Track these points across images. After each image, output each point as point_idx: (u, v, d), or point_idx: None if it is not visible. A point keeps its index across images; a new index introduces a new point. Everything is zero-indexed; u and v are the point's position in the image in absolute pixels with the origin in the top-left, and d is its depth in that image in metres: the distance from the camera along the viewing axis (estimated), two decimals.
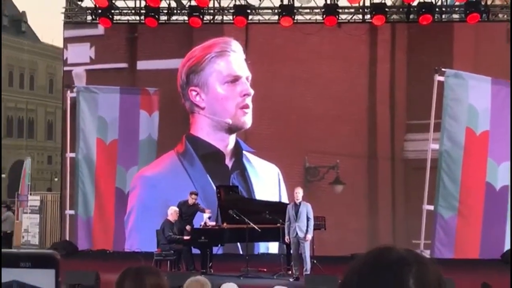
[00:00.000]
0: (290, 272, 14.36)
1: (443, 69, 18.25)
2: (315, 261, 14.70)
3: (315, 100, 18.65)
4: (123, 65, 19.32)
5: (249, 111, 18.41)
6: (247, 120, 18.44)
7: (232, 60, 18.65)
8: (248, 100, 18.40)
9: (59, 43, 23.02)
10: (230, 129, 18.48)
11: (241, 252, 17.17)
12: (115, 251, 18.32)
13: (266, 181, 18.44)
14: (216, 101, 18.42)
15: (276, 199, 17.70)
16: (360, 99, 18.70)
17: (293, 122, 18.68)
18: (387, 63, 18.79)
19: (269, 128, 18.66)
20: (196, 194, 15.62)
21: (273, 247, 17.84)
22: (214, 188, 17.33)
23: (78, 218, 19.02)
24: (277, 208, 14.74)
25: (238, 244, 17.12)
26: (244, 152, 18.56)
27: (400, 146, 18.52)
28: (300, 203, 14.02)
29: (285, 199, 17.79)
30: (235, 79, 18.42)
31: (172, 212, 15.00)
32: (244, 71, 18.55)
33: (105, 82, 19.21)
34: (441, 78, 18.23)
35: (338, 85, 18.65)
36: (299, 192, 14.10)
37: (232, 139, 18.57)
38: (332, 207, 17.41)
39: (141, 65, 19.24)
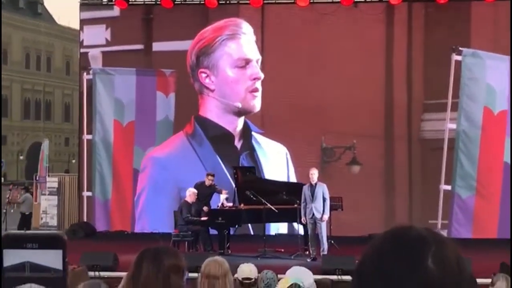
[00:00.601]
0: (307, 252, 14.35)
1: (460, 48, 18.10)
2: (332, 242, 14.77)
3: (332, 81, 18.50)
4: (139, 46, 19.30)
5: (259, 94, 18.37)
6: (257, 103, 18.41)
7: (243, 43, 18.57)
8: (258, 84, 18.34)
9: (76, 25, 23.03)
10: (239, 112, 18.50)
11: (251, 233, 17.32)
12: (133, 232, 18.41)
13: (275, 161, 18.50)
14: (226, 84, 18.41)
15: (284, 179, 17.75)
16: (377, 79, 18.59)
17: (309, 103, 18.53)
18: (404, 43, 18.64)
19: (284, 109, 18.56)
20: (213, 175, 15.61)
21: (283, 229, 17.96)
22: (224, 169, 17.44)
23: (95, 199, 19.10)
24: (294, 189, 14.70)
25: (249, 225, 17.19)
26: (253, 133, 18.58)
27: (417, 126, 18.44)
28: (315, 184, 13.99)
29: (293, 179, 17.93)
30: (246, 63, 18.38)
31: (191, 194, 14.99)
32: (254, 54, 18.49)
33: (121, 63, 19.19)
34: (459, 58, 18.08)
35: (355, 65, 18.50)
36: (314, 173, 14.04)
37: (241, 121, 18.60)
38: (348, 187, 17.37)
39: (157, 46, 19.21)
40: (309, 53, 18.72)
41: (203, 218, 14.90)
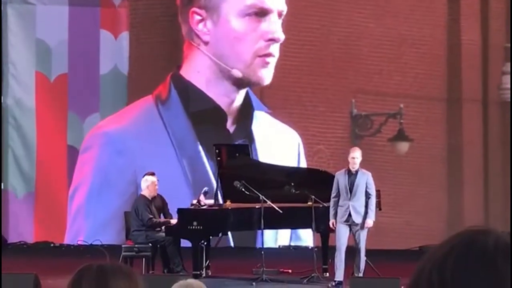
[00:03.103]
0: (326, 274, 14.36)
1: None
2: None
3: (368, 16, 18.88)
4: None
5: (272, 62, 18.20)
6: (267, 74, 18.32)
7: None
8: (274, 48, 18.17)
9: None
10: (241, 82, 18.41)
11: (242, 245, 17.44)
12: (64, 245, 18.32)
13: (283, 156, 18.09)
14: (227, 39, 18.43)
15: None
16: (436, 12, 18.74)
17: (334, 49, 18.97)
18: None
19: (296, 58, 18.56)
20: (153, 174, 15.13)
21: (284, 237, 17.80)
22: (206, 162, 17.24)
23: (8, 194, 18.98)
24: (309, 178, 14.68)
25: (239, 234, 17.05)
26: (255, 113, 18.54)
27: (496, 83, 18.55)
28: (357, 171, 13.88)
29: None
30: (262, 14, 18.22)
31: (149, 184, 14.82)
32: (278, 3, 18.29)
33: None
34: None
35: None
36: (357, 157, 13.92)
37: (241, 94, 18.66)
38: (391, 175, 17.70)
39: None
40: None
41: (172, 221, 14.77)
